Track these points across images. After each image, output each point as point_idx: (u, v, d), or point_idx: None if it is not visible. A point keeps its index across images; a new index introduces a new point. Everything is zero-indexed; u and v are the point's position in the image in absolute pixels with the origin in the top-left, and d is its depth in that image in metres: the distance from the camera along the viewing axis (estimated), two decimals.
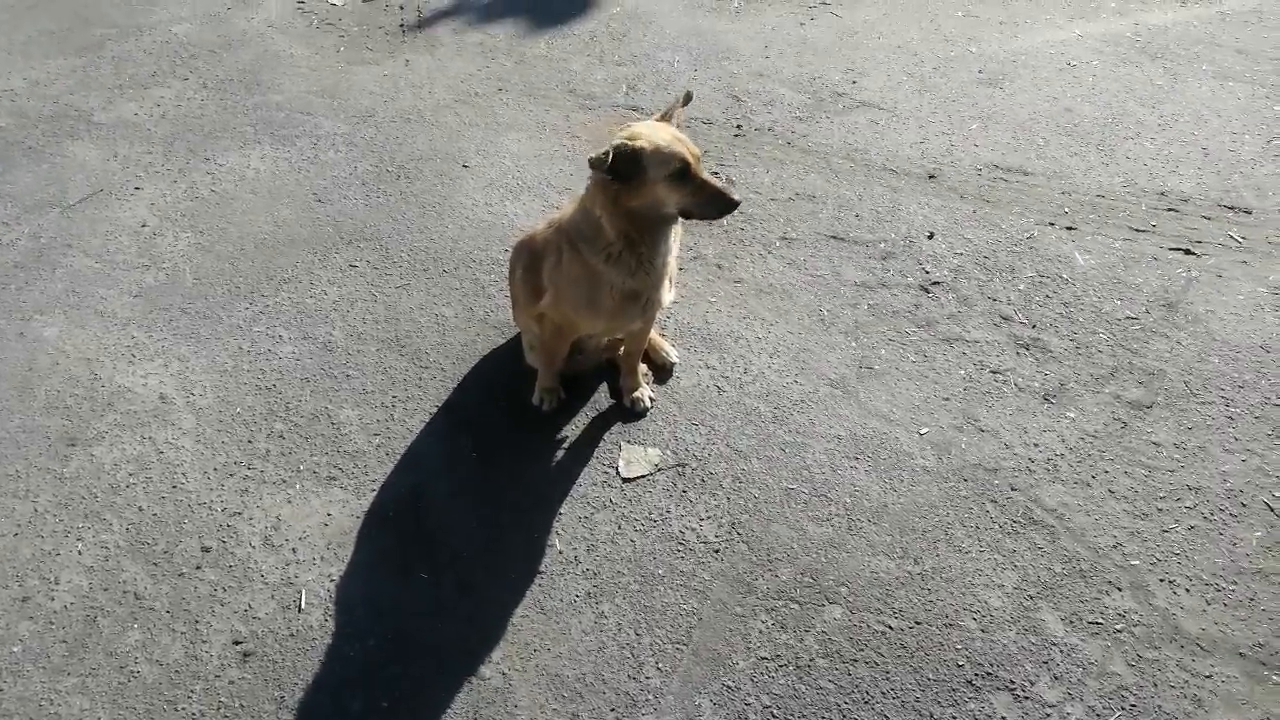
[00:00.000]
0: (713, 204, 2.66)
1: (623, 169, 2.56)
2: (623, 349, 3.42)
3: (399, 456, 3.27)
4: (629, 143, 2.53)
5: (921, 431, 3.34)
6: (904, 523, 3.04)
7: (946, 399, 3.48)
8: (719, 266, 4.13)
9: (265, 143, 5.02)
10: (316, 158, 4.90)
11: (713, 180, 2.66)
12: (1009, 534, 3.00)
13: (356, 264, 4.17)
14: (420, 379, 3.58)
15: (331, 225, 4.41)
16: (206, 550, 2.99)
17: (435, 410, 3.44)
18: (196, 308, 3.94)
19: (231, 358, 3.68)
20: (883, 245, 4.25)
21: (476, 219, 4.45)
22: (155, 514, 3.10)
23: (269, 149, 4.97)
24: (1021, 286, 3.98)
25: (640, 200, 2.65)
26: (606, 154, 2.49)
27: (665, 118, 2.78)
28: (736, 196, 2.65)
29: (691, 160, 2.60)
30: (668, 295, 3.04)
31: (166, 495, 3.16)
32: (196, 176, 4.76)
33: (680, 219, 2.78)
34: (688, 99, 2.86)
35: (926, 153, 4.90)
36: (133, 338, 3.79)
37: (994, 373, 3.58)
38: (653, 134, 2.60)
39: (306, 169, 4.82)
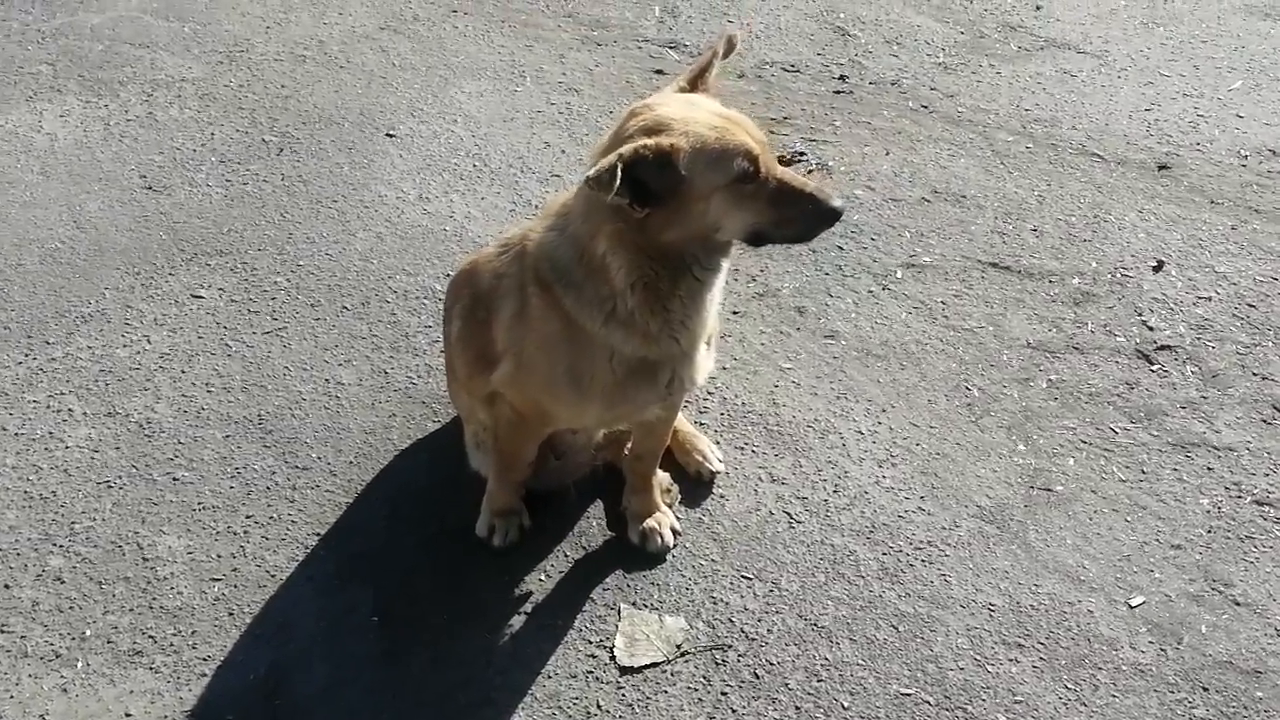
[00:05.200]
0: (802, 218, 2.63)
1: (650, 183, 2.49)
2: (630, 448, 3.39)
3: (250, 619, 3.24)
4: (653, 141, 2.48)
5: (1133, 602, 3.27)
6: None
7: (1178, 547, 3.40)
8: (799, 310, 4.12)
9: (70, 92, 5.12)
10: (150, 118, 4.98)
11: (795, 178, 2.63)
12: None
13: (202, 293, 4.21)
14: (294, 488, 3.57)
15: (167, 229, 4.47)
16: None
17: (315, 541, 3.43)
18: None
19: None
20: (1077, 281, 4.21)
21: (404, 222, 4.48)
22: None
23: (75, 102, 5.07)
24: None
25: (681, 230, 2.61)
26: (613, 170, 2.39)
27: (697, 82, 2.77)
28: (837, 202, 2.63)
29: (760, 151, 2.58)
30: (706, 365, 3.02)
31: None
32: None
33: (741, 246, 2.77)
34: (729, 47, 2.84)
35: (1155, 127, 4.87)
36: None
37: (1261, 504, 3.50)
38: (690, 116, 2.56)
39: (133, 136, 4.90)
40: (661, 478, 3.46)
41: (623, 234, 2.62)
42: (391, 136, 4.88)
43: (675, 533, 3.40)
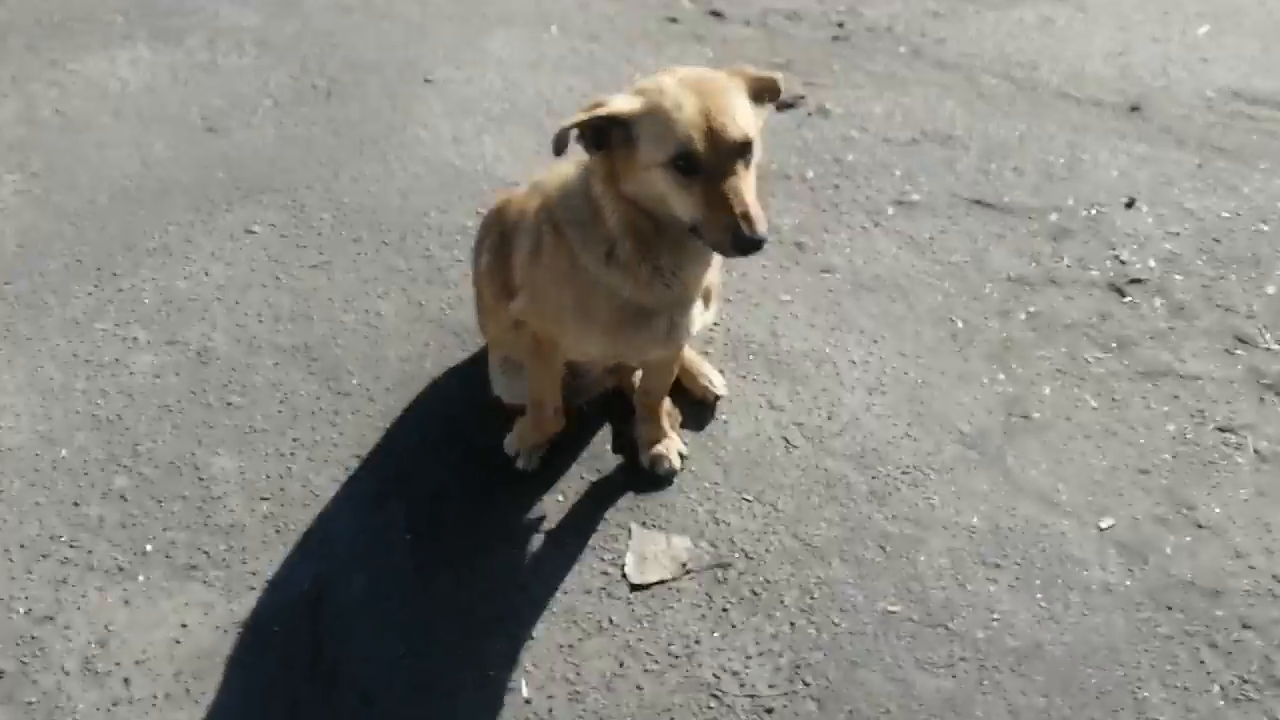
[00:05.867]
0: (724, 230, 2.41)
1: (610, 134, 2.49)
2: (639, 381, 3.27)
3: (296, 536, 3.15)
4: (605, 110, 2.47)
5: (1103, 524, 3.12)
6: (1069, 675, 2.81)
7: (1145, 472, 3.25)
8: (798, 245, 3.94)
9: (140, 40, 4.99)
10: (212, 64, 4.84)
11: (736, 190, 2.40)
12: (1235, 701, 2.75)
13: (255, 228, 4.08)
14: (336, 412, 3.45)
15: (225, 168, 4.33)
16: None
17: (355, 463, 3.32)
18: (16, 290, 3.87)
19: (61, 370, 3.60)
20: (1054, 217, 4.03)
21: (439, 162, 4.33)
22: None
23: (144, 50, 4.93)
24: (1272, 289, 3.75)
25: (636, 188, 2.52)
26: (561, 135, 2.49)
27: (752, 79, 2.56)
28: (759, 232, 2.39)
29: (701, 148, 2.36)
30: (703, 317, 2.91)
31: None
32: (35, 89, 4.73)
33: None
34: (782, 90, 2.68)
35: (1128, 71, 4.66)
36: None
37: (1223, 430, 3.34)
38: (672, 92, 2.43)
39: (196, 81, 4.75)
40: (668, 404, 3.35)
41: (608, 178, 2.58)
42: (429, 82, 4.74)
43: (682, 456, 3.31)
